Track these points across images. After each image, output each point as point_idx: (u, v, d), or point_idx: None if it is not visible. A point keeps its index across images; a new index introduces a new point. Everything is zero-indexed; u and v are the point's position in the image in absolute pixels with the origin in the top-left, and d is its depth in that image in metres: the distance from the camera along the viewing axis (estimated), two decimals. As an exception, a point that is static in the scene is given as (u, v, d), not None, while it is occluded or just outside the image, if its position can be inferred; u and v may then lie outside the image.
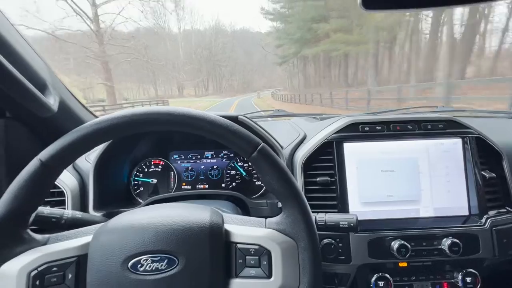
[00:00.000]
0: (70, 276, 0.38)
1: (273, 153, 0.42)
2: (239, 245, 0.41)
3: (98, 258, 0.38)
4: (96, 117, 0.95)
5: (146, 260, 0.37)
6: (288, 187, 0.41)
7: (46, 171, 0.38)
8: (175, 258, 0.37)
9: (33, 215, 0.41)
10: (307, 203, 0.42)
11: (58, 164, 0.39)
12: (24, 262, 0.37)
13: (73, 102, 0.79)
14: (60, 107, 0.68)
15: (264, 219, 0.44)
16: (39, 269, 0.37)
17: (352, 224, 0.57)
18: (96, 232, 0.40)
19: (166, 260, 0.37)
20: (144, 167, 0.90)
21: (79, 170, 0.77)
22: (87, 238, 0.40)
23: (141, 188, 0.89)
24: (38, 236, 0.41)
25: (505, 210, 0.72)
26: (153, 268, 0.37)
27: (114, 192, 0.80)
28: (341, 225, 0.58)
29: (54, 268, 0.38)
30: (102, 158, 0.74)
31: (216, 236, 0.40)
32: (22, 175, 0.37)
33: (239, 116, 0.75)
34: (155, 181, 0.89)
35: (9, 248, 0.38)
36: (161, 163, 0.91)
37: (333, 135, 0.72)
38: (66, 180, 0.71)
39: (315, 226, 0.42)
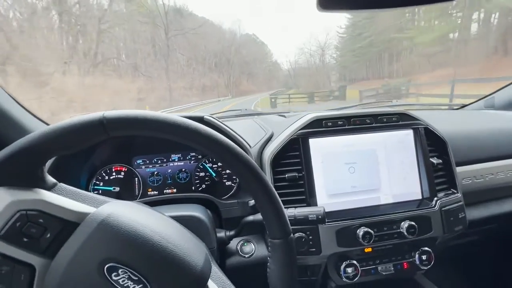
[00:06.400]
0: (48, 235, 0.34)
1: (294, 249, 0.42)
2: None
3: (83, 238, 0.34)
4: (46, 123, 0.86)
5: (125, 272, 0.34)
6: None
7: (100, 129, 0.36)
8: None
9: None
10: None
11: (113, 129, 0.36)
12: (21, 197, 0.34)
13: (13, 107, 0.70)
14: None
15: None
16: (29, 212, 0.34)
17: (320, 216, 0.60)
18: (99, 210, 0.37)
19: (141, 286, 0.34)
20: (104, 174, 0.84)
21: None
22: (89, 209, 0.37)
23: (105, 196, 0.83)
24: (48, 177, 0.38)
25: (450, 192, 0.80)
26: (125, 285, 0.34)
27: None
28: (310, 218, 0.60)
29: (41, 220, 0.34)
30: (53, 169, 0.67)
31: None
32: (78, 121, 0.35)
33: (205, 117, 0.74)
34: (117, 189, 0.84)
35: (22, 175, 0.35)
36: (123, 169, 0.85)
37: (299, 131, 0.74)
38: None
39: None
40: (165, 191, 0.87)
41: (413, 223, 0.71)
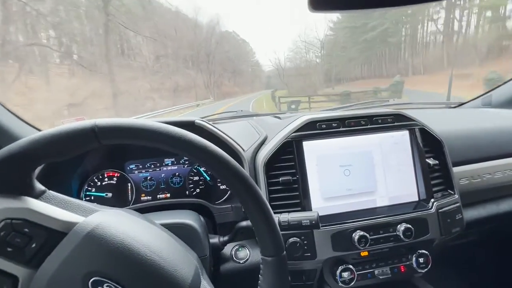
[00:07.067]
0: (34, 245, 0.33)
1: (287, 268, 0.41)
2: None
3: (69, 250, 0.33)
4: (37, 129, 0.85)
5: (110, 287, 0.33)
6: None
7: (92, 137, 0.36)
8: None
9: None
10: None
11: (104, 138, 0.36)
12: (6, 205, 0.33)
13: (2, 113, 0.69)
14: None
15: None
16: (13, 221, 0.33)
17: (313, 222, 0.59)
18: (87, 220, 0.35)
19: None
20: (96, 180, 0.83)
21: None
22: (78, 218, 0.36)
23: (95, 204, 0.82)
24: (37, 185, 0.37)
25: (447, 193, 0.79)
26: None
27: None
28: (303, 224, 0.59)
29: (26, 229, 0.33)
30: (44, 175, 0.66)
31: None
32: (70, 128, 0.35)
33: (196, 121, 0.72)
34: (110, 194, 0.82)
35: (10, 182, 0.34)
36: (116, 174, 0.84)
37: (292, 134, 0.73)
38: None
39: None
40: (158, 196, 0.86)
41: (409, 225, 0.70)
